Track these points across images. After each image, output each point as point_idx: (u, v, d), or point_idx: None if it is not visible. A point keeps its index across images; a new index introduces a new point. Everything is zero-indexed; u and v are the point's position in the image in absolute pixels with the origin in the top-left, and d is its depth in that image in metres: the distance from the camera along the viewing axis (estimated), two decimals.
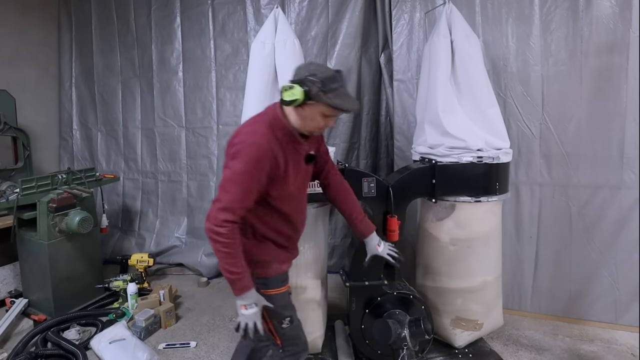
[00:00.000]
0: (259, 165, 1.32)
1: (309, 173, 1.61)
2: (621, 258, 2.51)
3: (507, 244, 2.65)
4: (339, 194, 1.75)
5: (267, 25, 2.16)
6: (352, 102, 1.39)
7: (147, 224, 3.95)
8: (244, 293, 1.37)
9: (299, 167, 1.48)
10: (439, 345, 2.26)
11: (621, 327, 2.51)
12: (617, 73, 2.40)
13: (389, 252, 1.79)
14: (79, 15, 4.04)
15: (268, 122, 1.39)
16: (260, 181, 1.34)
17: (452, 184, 2.08)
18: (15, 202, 2.66)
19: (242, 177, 1.31)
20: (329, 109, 1.35)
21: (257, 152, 1.31)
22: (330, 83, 1.32)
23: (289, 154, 1.42)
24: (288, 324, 1.55)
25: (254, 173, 1.32)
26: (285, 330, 1.56)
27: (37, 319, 2.65)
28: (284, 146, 1.39)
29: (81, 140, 4.17)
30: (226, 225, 1.29)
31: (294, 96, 1.31)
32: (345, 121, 3.19)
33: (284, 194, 1.45)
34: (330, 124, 1.42)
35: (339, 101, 1.33)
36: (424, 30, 2.86)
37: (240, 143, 1.34)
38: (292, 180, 1.44)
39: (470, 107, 2.17)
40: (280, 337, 1.57)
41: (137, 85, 3.88)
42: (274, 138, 1.37)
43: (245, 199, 1.33)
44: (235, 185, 1.31)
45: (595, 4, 2.39)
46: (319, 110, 1.35)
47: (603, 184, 2.50)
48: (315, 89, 1.31)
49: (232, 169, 1.32)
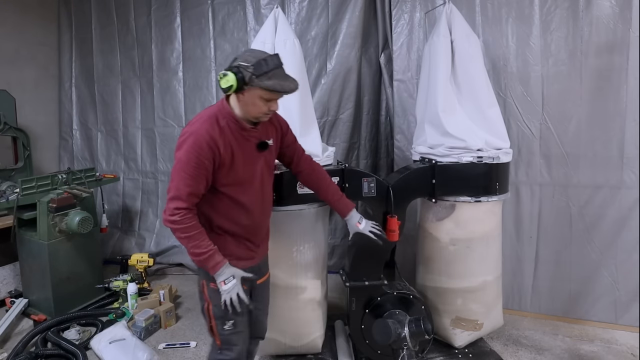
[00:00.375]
0: (199, 153, 1.35)
1: (268, 162, 1.59)
2: (621, 258, 2.51)
3: (507, 244, 2.65)
4: (313, 178, 1.76)
5: (267, 25, 2.17)
6: (289, 83, 1.38)
7: (147, 224, 3.95)
8: (218, 270, 1.41)
9: (249, 154, 1.48)
10: (439, 345, 2.26)
11: (621, 327, 2.51)
12: (617, 73, 2.40)
13: (370, 229, 1.75)
14: (79, 15, 4.04)
15: (213, 113, 1.43)
16: (205, 167, 1.37)
17: (452, 184, 2.08)
18: (15, 202, 2.66)
19: (185, 165, 1.35)
20: (266, 92, 1.36)
21: (195, 140, 1.35)
22: (263, 66, 1.33)
23: (236, 142, 1.44)
24: (231, 327, 1.53)
25: (195, 160, 1.35)
26: (226, 333, 1.54)
27: (37, 319, 2.65)
28: (229, 134, 1.42)
29: (81, 140, 4.17)
30: (177, 212, 1.35)
31: (228, 83, 1.34)
32: (345, 121, 3.19)
33: (234, 182, 1.45)
34: (273, 108, 1.42)
35: (272, 83, 1.34)
36: (424, 30, 2.86)
37: (182, 135, 1.40)
38: (240, 168, 1.45)
39: (470, 107, 2.17)
40: (219, 338, 1.55)
41: (137, 85, 3.88)
42: (217, 126, 1.40)
43: (191, 185, 1.36)
44: (179, 174, 1.36)
45: (595, 4, 2.39)
46: (257, 95, 1.37)
47: (603, 184, 2.50)
48: (247, 74, 1.33)
49: (176, 160, 1.38)
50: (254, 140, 1.50)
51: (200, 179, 1.38)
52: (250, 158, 1.50)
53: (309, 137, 2.09)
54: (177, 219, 1.35)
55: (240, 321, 1.57)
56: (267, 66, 1.34)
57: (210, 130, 1.38)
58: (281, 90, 1.38)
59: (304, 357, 2.21)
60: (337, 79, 3.11)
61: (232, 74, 1.33)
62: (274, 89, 1.35)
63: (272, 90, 1.35)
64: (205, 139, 1.36)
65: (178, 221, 1.35)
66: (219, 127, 1.41)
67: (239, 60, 1.37)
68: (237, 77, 1.33)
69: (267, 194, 1.63)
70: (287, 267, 2.03)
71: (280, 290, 2.04)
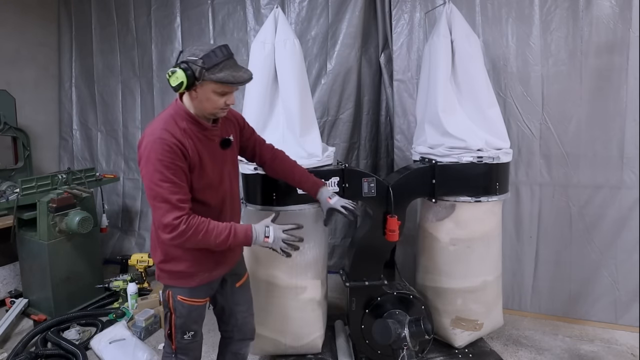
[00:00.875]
0: (170, 156, 1.26)
1: (232, 159, 1.54)
2: (621, 258, 2.51)
3: (507, 244, 2.65)
4: (277, 165, 1.71)
5: (267, 25, 2.16)
6: (242, 73, 1.30)
7: (147, 224, 3.95)
8: (251, 237, 1.37)
9: (214, 154, 1.42)
10: (439, 345, 2.26)
11: (621, 327, 2.51)
12: (617, 73, 2.40)
13: (343, 204, 1.68)
14: (79, 15, 4.04)
15: (169, 116, 1.35)
16: (182, 170, 1.28)
17: (452, 184, 2.08)
18: (15, 202, 2.66)
19: (161, 175, 1.24)
20: (219, 86, 1.28)
21: (162, 145, 1.26)
22: (212, 58, 1.25)
23: (199, 143, 1.36)
24: (190, 338, 1.51)
25: (170, 166, 1.25)
26: (184, 342, 1.51)
27: (37, 319, 2.66)
28: (191, 135, 1.34)
29: (81, 140, 4.17)
30: (179, 220, 1.25)
31: (177, 80, 1.26)
32: (345, 121, 3.19)
33: (205, 185, 1.38)
34: (229, 101, 1.35)
35: (224, 75, 1.26)
36: (424, 30, 2.86)
37: (145, 147, 1.28)
38: (210, 170, 1.39)
39: (470, 107, 2.17)
40: (176, 344, 1.51)
41: (137, 85, 3.88)
42: (178, 129, 1.31)
43: (177, 192, 1.26)
44: (160, 186, 1.25)
45: (595, 4, 2.39)
46: (210, 89, 1.29)
47: (603, 184, 2.50)
48: (197, 68, 1.25)
49: (148, 175, 1.26)
50: (216, 139, 1.44)
51: (182, 183, 1.28)
52: (216, 158, 1.43)
53: (309, 137, 2.09)
54: (183, 226, 1.25)
55: (200, 330, 1.56)
56: (216, 58, 1.26)
57: (174, 132, 1.29)
58: (234, 82, 1.29)
59: (304, 357, 2.20)
60: (337, 79, 3.11)
61: (181, 71, 1.24)
62: (227, 81, 1.27)
63: (225, 82, 1.27)
64: (173, 142, 1.27)
65: (184, 230, 1.25)
66: (180, 130, 1.32)
67: (186, 54, 1.28)
68: (187, 74, 1.24)
69: (236, 193, 1.57)
70: (287, 267, 2.03)
71: (280, 290, 2.05)
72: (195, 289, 1.47)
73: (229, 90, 1.33)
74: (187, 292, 1.46)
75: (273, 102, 2.11)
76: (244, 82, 1.32)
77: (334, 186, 1.98)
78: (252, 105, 2.09)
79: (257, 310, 2.11)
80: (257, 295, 2.10)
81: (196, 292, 1.48)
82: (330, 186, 1.97)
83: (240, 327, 1.70)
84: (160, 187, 1.25)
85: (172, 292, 1.47)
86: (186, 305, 1.47)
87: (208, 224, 1.31)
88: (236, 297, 1.66)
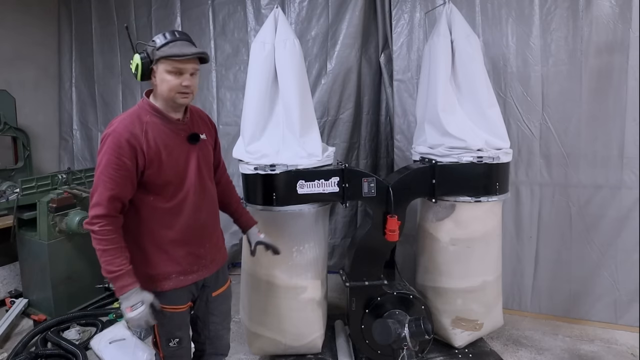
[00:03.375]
0: (119, 152, 1.27)
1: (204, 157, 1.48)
2: (621, 258, 2.51)
3: (507, 244, 2.65)
4: (226, 193, 1.71)
5: (267, 25, 2.16)
6: (189, 48, 1.32)
7: None
8: (125, 292, 1.28)
9: (179, 149, 1.39)
10: (439, 345, 2.26)
11: (621, 327, 2.51)
12: (617, 73, 2.40)
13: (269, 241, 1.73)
14: (79, 15, 4.04)
15: (134, 110, 1.38)
16: (127, 168, 1.28)
17: (452, 184, 2.08)
18: (15, 202, 2.67)
19: (105, 169, 1.27)
20: (170, 63, 1.30)
21: (113, 139, 1.28)
22: (163, 40, 1.31)
23: (163, 136, 1.36)
24: (175, 345, 1.48)
25: (116, 161, 1.27)
26: (170, 350, 1.49)
27: (37, 319, 2.65)
28: (154, 128, 1.34)
29: (81, 140, 4.17)
30: (97, 222, 1.26)
31: (134, 64, 1.32)
32: (345, 121, 3.19)
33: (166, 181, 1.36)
34: (185, 83, 1.32)
35: (170, 50, 1.29)
36: (424, 30, 2.86)
37: (102, 138, 1.33)
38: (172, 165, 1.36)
39: (470, 107, 2.17)
40: (162, 352, 1.50)
41: (137, 85, 3.87)
42: (138, 122, 1.33)
43: (113, 189, 1.26)
44: (100, 178, 1.28)
45: (595, 4, 2.38)
46: (163, 69, 1.31)
47: (603, 184, 2.50)
48: (149, 48, 1.32)
49: (97, 165, 1.30)
50: (183, 133, 1.41)
51: (123, 181, 1.28)
52: (181, 153, 1.39)
53: (309, 137, 2.08)
54: (96, 229, 1.26)
55: (186, 337, 1.53)
56: (166, 39, 1.31)
57: (130, 127, 1.30)
58: (180, 55, 1.29)
59: (304, 357, 2.20)
60: (337, 79, 3.11)
61: (136, 54, 1.31)
62: (172, 54, 1.29)
63: (172, 56, 1.29)
64: (125, 137, 1.28)
65: (96, 231, 1.26)
66: (142, 123, 1.33)
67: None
68: (141, 57, 1.31)
69: (209, 192, 1.50)
70: (287, 267, 2.03)
71: (280, 290, 2.04)
72: (173, 295, 1.43)
73: (181, 67, 1.31)
74: (166, 298, 1.41)
75: (273, 102, 2.11)
76: (191, 55, 1.31)
77: (334, 186, 1.97)
78: (252, 105, 2.09)
79: (257, 310, 2.12)
80: (257, 295, 2.10)
81: (175, 298, 1.43)
82: (330, 186, 1.97)
83: (212, 339, 1.63)
84: (99, 179, 1.28)
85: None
86: (167, 312, 1.41)
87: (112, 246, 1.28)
88: (211, 307, 1.59)
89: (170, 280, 1.41)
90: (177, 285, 1.42)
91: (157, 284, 1.40)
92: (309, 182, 1.94)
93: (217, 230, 1.58)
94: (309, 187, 1.94)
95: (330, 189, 1.96)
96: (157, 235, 1.39)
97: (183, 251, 1.41)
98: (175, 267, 1.41)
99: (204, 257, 1.48)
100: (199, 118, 1.52)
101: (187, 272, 1.44)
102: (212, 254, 1.51)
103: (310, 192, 1.95)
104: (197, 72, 1.38)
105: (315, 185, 1.95)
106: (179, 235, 1.40)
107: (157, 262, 1.39)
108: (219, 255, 1.57)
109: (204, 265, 1.49)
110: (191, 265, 1.44)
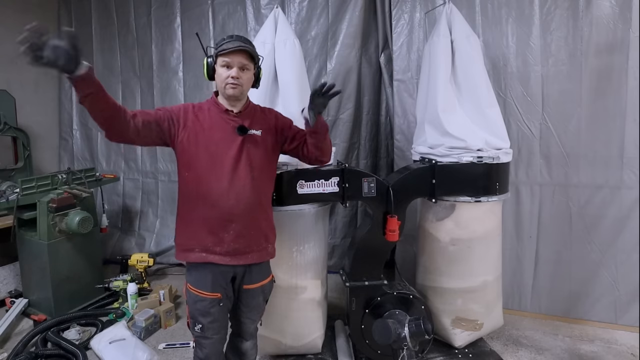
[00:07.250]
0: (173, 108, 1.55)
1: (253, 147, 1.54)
2: (621, 258, 2.51)
3: (507, 244, 2.65)
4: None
5: (267, 25, 2.17)
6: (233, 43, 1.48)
7: (147, 224, 3.95)
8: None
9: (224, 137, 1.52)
10: (439, 345, 2.26)
11: (621, 327, 2.52)
12: (617, 73, 2.40)
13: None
14: (79, 16, 4.04)
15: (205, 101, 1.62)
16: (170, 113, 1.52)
17: (452, 184, 2.08)
18: (15, 202, 2.66)
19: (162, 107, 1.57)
20: (220, 58, 1.49)
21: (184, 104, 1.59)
22: (221, 42, 1.51)
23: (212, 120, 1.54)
24: (199, 331, 1.56)
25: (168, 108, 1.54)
26: (195, 334, 1.59)
27: (37, 319, 2.65)
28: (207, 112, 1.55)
29: (81, 140, 4.17)
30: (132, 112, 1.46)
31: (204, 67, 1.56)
32: (345, 121, 3.20)
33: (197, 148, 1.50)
34: (232, 74, 1.48)
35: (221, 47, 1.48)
36: (424, 30, 2.86)
37: None
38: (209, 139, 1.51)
39: (470, 107, 2.17)
40: (192, 333, 1.61)
41: (137, 85, 3.88)
42: (197, 105, 1.58)
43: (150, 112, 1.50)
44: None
45: (595, 4, 2.39)
46: (218, 65, 1.51)
47: (603, 184, 2.50)
48: (212, 51, 1.54)
49: None
50: (233, 123, 1.54)
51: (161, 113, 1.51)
52: (224, 138, 1.52)
53: None
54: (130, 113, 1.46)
55: (211, 328, 1.56)
56: (223, 40, 1.51)
57: (189, 105, 1.57)
58: (226, 49, 1.46)
59: (304, 357, 2.21)
60: (337, 79, 3.11)
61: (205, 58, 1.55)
62: (222, 50, 1.47)
63: (221, 50, 1.47)
64: (183, 106, 1.56)
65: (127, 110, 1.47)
66: (200, 107, 1.57)
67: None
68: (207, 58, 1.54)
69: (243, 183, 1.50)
70: (288, 267, 2.03)
71: (281, 290, 2.04)
72: (198, 275, 1.54)
73: (229, 61, 1.48)
74: (192, 279, 1.55)
75: (273, 102, 2.11)
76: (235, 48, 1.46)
77: (334, 186, 1.98)
78: None
79: None
80: None
81: (199, 278, 1.54)
82: (330, 186, 1.97)
83: (237, 323, 1.74)
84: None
85: (186, 281, 1.58)
86: (191, 293, 1.55)
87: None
88: (242, 296, 1.66)
89: (194, 252, 1.53)
90: (198, 259, 1.52)
91: (185, 254, 1.54)
92: (309, 182, 1.95)
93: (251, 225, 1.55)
94: (309, 187, 1.95)
95: (330, 189, 1.97)
96: (187, 208, 1.54)
97: (205, 229, 1.51)
98: (198, 241, 1.52)
99: (227, 243, 1.51)
100: (262, 115, 1.65)
101: (208, 250, 1.52)
102: (237, 243, 1.52)
103: (311, 192, 1.95)
104: (248, 68, 1.53)
105: (315, 185, 1.95)
106: (203, 213, 1.50)
107: (184, 232, 1.55)
108: (249, 250, 1.56)
109: (227, 251, 1.52)
110: (213, 245, 1.51)
